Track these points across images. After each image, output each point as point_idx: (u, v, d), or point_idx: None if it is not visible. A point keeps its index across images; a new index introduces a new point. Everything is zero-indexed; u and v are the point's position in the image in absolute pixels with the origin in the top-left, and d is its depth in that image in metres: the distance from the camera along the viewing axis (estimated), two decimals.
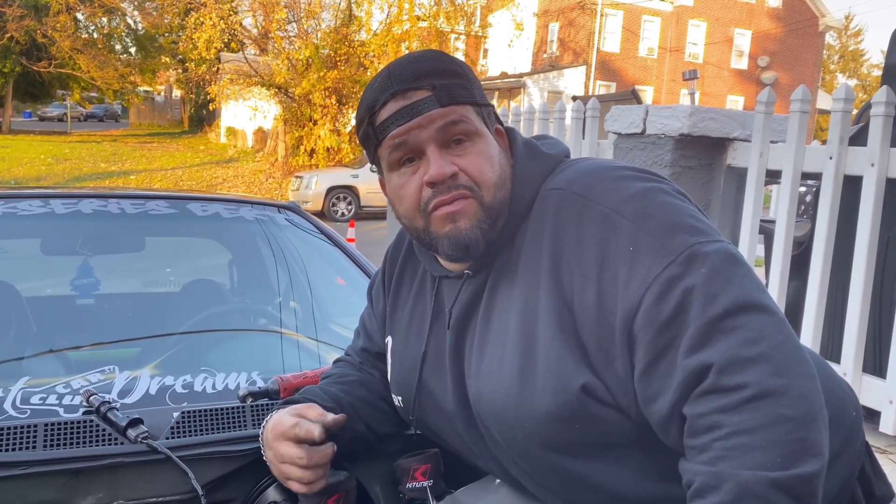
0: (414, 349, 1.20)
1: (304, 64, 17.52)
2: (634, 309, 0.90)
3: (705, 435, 0.84)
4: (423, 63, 1.04)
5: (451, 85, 1.03)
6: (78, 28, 29.34)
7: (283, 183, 17.59)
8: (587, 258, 0.95)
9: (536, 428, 0.99)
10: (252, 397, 1.39)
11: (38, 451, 1.19)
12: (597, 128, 4.14)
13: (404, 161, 1.05)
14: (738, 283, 0.88)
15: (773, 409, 0.82)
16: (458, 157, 1.03)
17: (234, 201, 2.29)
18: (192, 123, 37.09)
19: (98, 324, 2.03)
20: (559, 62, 28.52)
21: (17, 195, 2.03)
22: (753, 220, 3.21)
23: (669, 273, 0.89)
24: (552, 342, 0.97)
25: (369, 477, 1.30)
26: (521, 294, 1.02)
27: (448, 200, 1.03)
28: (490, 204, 1.04)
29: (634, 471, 0.99)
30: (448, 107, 1.02)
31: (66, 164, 19.74)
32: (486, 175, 1.03)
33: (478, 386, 1.06)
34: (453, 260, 1.09)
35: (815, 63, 30.73)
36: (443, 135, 1.02)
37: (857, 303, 2.80)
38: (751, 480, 0.80)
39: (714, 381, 0.84)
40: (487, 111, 1.08)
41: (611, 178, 1.01)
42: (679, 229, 0.92)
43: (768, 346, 0.84)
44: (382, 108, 1.04)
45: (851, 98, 2.88)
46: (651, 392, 0.90)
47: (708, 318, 0.86)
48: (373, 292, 1.36)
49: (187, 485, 1.20)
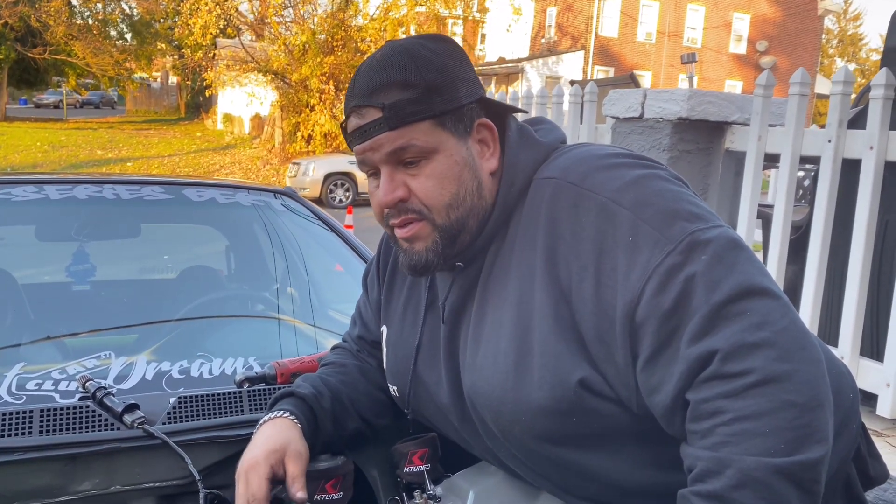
0: (408, 340, 1.19)
1: (300, 49, 17.43)
2: (635, 300, 0.88)
3: (708, 420, 0.83)
4: (381, 74, 1.01)
5: (403, 103, 0.99)
6: (73, 14, 29.15)
7: (280, 169, 17.55)
8: (584, 250, 0.94)
9: (533, 421, 0.99)
10: (249, 382, 1.39)
11: (35, 436, 1.18)
12: (595, 112, 4.12)
13: (370, 172, 1.06)
14: (741, 268, 0.87)
15: (778, 395, 0.81)
16: (412, 176, 1.02)
17: (230, 186, 2.28)
18: (189, 110, 36.95)
19: (94, 310, 2.02)
20: (557, 47, 28.41)
21: (12, 181, 2.01)
22: (752, 204, 3.21)
23: (670, 262, 0.87)
24: (548, 336, 0.96)
25: (367, 461, 1.30)
26: (515, 286, 1.01)
27: (400, 224, 1.04)
28: (444, 225, 1.03)
29: (632, 460, 0.99)
30: (398, 129, 0.99)
31: (62, 151, 19.67)
32: (435, 198, 1.02)
33: (473, 379, 1.05)
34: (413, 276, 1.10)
35: (814, 47, 30.63)
36: (393, 157, 1.01)
37: (855, 286, 2.80)
38: (753, 466, 0.80)
39: (718, 366, 0.83)
40: (457, 115, 1.03)
41: (606, 167, 0.99)
42: (678, 216, 0.91)
43: (773, 331, 0.83)
44: (348, 120, 1.04)
45: (851, 81, 2.87)
46: (654, 382, 0.89)
47: (711, 305, 0.84)
48: (367, 280, 1.35)
49: (184, 470, 1.19)
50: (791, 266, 3.22)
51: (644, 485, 0.99)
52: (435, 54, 1.02)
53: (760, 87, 3.10)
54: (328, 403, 1.19)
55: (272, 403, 1.19)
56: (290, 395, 1.19)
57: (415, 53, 1.01)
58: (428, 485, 1.17)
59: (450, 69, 1.02)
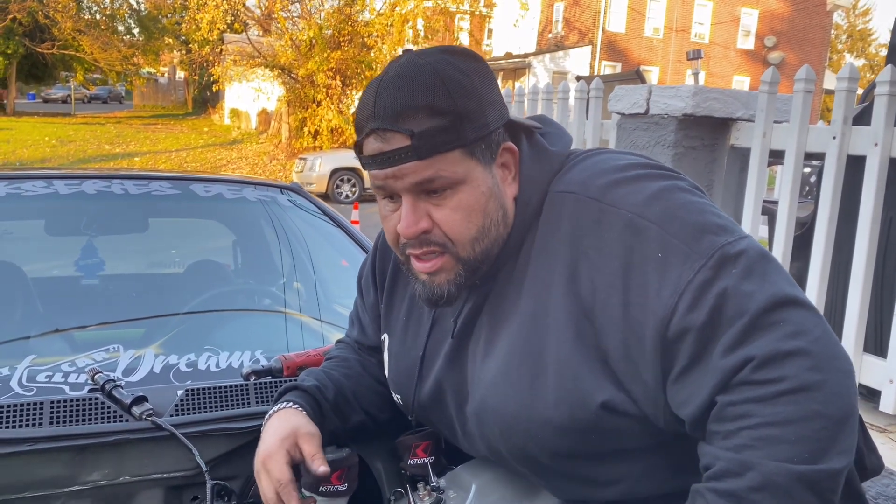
0: (411, 351, 1.17)
1: (307, 45, 17.44)
2: (668, 317, 0.87)
3: (733, 422, 0.83)
4: (407, 95, 0.93)
5: (435, 130, 0.93)
6: (80, 9, 29.22)
7: (286, 165, 17.57)
8: (610, 266, 0.91)
9: (549, 439, 0.98)
10: (255, 375, 1.41)
11: (45, 427, 1.21)
12: (600, 108, 4.12)
13: (385, 196, 1.01)
14: (772, 279, 0.87)
15: (809, 404, 0.81)
16: (436, 206, 0.97)
17: (237, 182, 2.30)
18: (196, 105, 36.99)
19: (103, 304, 2.05)
20: (564, 42, 28.32)
21: (21, 175, 2.04)
22: (756, 201, 3.21)
23: (702, 277, 0.86)
24: (568, 356, 0.94)
25: (371, 453, 1.32)
26: (529, 303, 0.99)
27: (420, 256, 1.00)
28: (467, 258, 0.99)
29: (645, 468, 0.99)
30: (427, 159, 0.94)
31: (70, 145, 19.73)
32: (460, 232, 0.97)
33: (483, 396, 1.04)
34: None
35: (823, 43, 30.45)
36: (419, 187, 0.96)
37: (859, 283, 2.80)
38: (775, 471, 0.80)
39: (750, 373, 0.82)
40: (485, 143, 0.97)
41: (626, 179, 0.96)
42: (706, 230, 0.90)
43: (808, 340, 0.83)
44: (365, 140, 0.97)
45: (856, 77, 2.87)
46: (685, 395, 0.88)
47: (746, 317, 0.84)
48: (362, 282, 1.32)
49: (191, 461, 1.21)
50: (795, 262, 3.22)
51: (653, 491, 1.00)
52: (465, 76, 0.96)
53: (765, 83, 3.10)
54: (332, 395, 1.20)
55: (276, 398, 1.20)
56: (293, 388, 1.20)
57: (445, 75, 0.94)
58: (431, 477, 1.19)
59: (480, 92, 0.97)
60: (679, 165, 3.09)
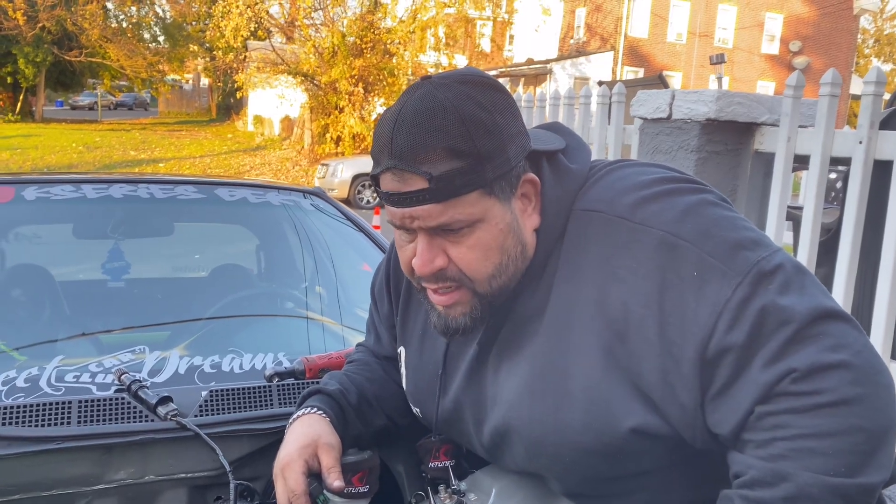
0: (429, 366, 1.16)
1: (330, 52, 17.55)
2: (707, 337, 0.85)
3: (768, 432, 0.82)
4: (426, 135, 0.89)
5: (454, 174, 0.89)
6: (107, 17, 29.68)
7: (309, 171, 17.68)
8: (643, 287, 0.89)
9: (575, 461, 0.97)
10: (278, 377, 1.42)
11: (73, 426, 1.23)
12: (623, 113, 4.10)
13: (400, 226, 0.98)
14: (810, 292, 0.86)
15: (848, 418, 0.80)
16: (453, 244, 0.95)
17: (261, 186, 2.32)
18: (220, 111, 37.38)
19: (129, 306, 2.07)
20: (586, 48, 28.26)
21: (50, 180, 2.07)
22: (781, 206, 3.18)
23: (740, 295, 0.85)
24: (599, 380, 0.93)
25: (393, 456, 1.32)
26: (554, 323, 0.97)
27: (436, 291, 0.99)
28: (485, 293, 0.98)
29: (664, 481, 0.98)
30: (445, 202, 0.91)
31: (97, 151, 20.00)
32: (478, 271, 0.96)
33: (505, 417, 1.02)
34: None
35: (850, 47, 30.10)
36: (435, 229, 0.94)
37: (886, 289, 2.77)
38: (811, 483, 0.79)
39: (790, 384, 0.82)
40: (505, 180, 0.94)
41: (653, 196, 0.94)
42: (740, 246, 0.88)
43: (850, 353, 0.82)
44: (382, 175, 0.94)
45: (882, 81, 2.83)
46: (723, 412, 0.87)
47: (786, 330, 0.83)
48: (375, 291, 1.30)
49: (215, 461, 1.23)
50: (820, 268, 3.19)
51: (676, 501, 0.99)
52: (485, 111, 0.91)
53: (790, 87, 3.07)
54: (355, 400, 1.20)
55: (300, 401, 1.21)
56: (317, 392, 1.20)
57: (465, 114, 0.90)
58: (452, 480, 1.19)
59: (501, 129, 0.92)
60: (702, 170, 3.06)
